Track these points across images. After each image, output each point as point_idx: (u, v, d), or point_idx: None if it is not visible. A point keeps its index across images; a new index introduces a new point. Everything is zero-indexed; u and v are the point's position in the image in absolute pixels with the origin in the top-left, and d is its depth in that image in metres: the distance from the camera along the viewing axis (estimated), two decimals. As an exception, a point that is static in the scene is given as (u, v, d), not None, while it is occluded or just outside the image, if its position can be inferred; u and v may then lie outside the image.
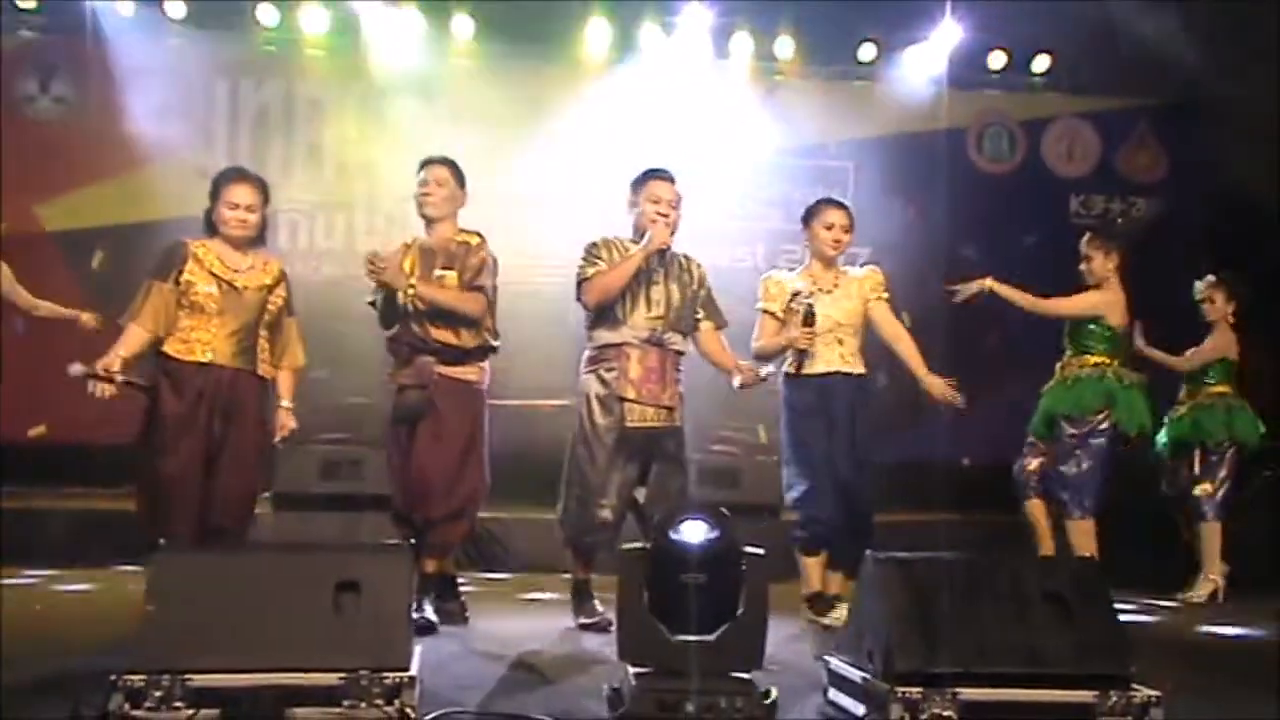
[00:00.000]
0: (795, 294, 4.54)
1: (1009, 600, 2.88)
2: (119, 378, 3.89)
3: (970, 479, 7.21)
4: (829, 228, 4.55)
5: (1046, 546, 5.33)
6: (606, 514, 4.27)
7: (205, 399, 3.97)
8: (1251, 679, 3.80)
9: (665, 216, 4.37)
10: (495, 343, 4.44)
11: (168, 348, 4.00)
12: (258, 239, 4.20)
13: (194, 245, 4.10)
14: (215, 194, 4.14)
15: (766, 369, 4.42)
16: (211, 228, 4.16)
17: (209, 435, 3.97)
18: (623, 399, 4.26)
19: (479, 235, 4.49)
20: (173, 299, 4.01)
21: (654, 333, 4.35)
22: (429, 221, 4.44)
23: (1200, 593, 5.55)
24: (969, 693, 2.71)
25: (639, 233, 4.41)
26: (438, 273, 4.32)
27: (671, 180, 4.46)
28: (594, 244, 4.42)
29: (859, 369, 4.54)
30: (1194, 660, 4.18)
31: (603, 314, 4.34)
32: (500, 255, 7.99)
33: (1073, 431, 5.25)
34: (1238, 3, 6.77)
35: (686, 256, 4.51)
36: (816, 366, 4.48)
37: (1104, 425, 5.22)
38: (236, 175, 4.21)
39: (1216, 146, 8.02)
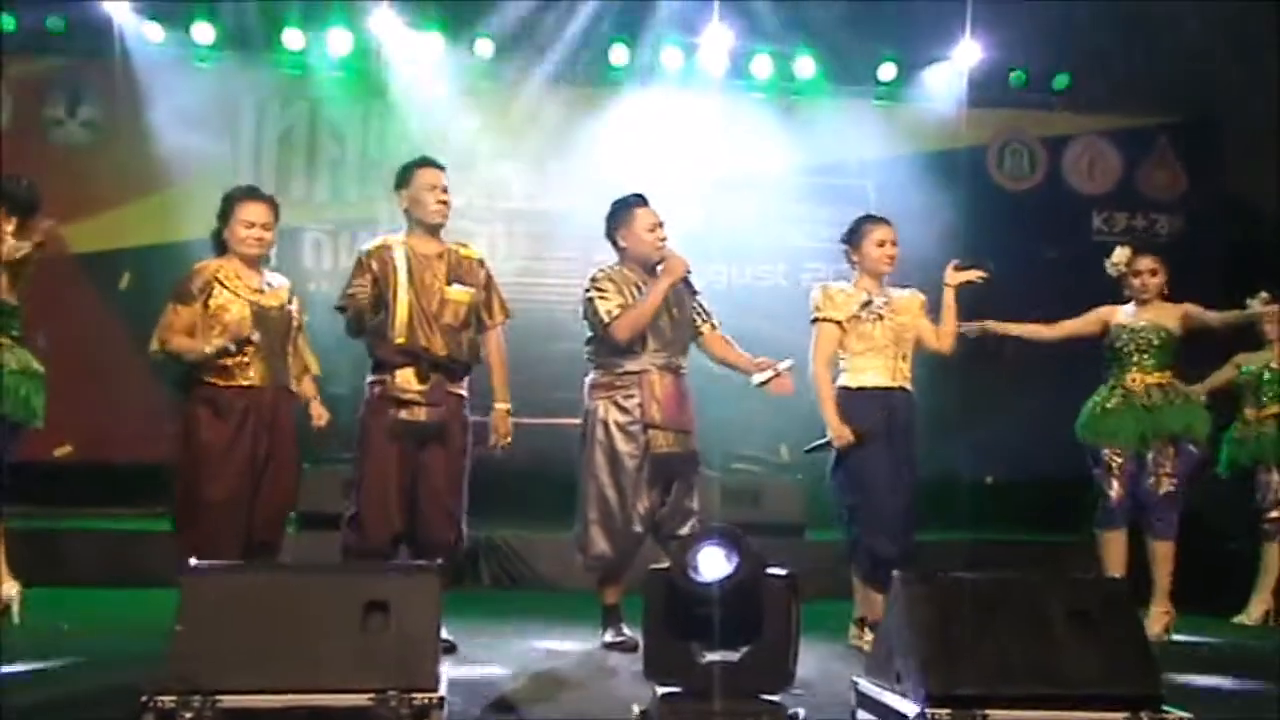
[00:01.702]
0: (866, 304, 4.46)
1: (1037, 620, 2.87)
2: (253, 336, 3.98)
3: (994, 496, 7.20)
4: (880, 244, 4.51)
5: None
6: (631, 540, 4.28)
7: (249, 422, 4.00)
8: None
9: (664, 241, 4.39)
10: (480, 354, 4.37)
11: (205, 374, 4.02)
12: (267, 258, 4.24)
13: (213, 268, 4.11)
14: (227, 213, 4.16)
15: (786, 362, 4.35)
16: (221, 247, 4.18)
17: (253, 458, 4.00)
18: (649, 426, 4.24)
19: (474, 248, 4.43)
20: (201, 324, 4.03)
21: (669, 359, 4.36)
22: (434, 228, 4.27)
23: (1253, 614, 5.48)
24: (997, 714, 2.69)
25: (637, 261, 4.39)
26: (457, 287, 4.21)
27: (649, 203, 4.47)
28: (597, 278, 4.37)
29: (911, 386, 4.49)
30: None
31: (624, 347, 4.31)
32: (521, 273, 8.02)
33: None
34: (1254, 20, 6.76)
35: None
36: (880, 381, 4.42)
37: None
38: (249, 194, 4.23)
39: (1236, 163, 8.01)
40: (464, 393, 4.30)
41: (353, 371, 5.90)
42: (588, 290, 4.38)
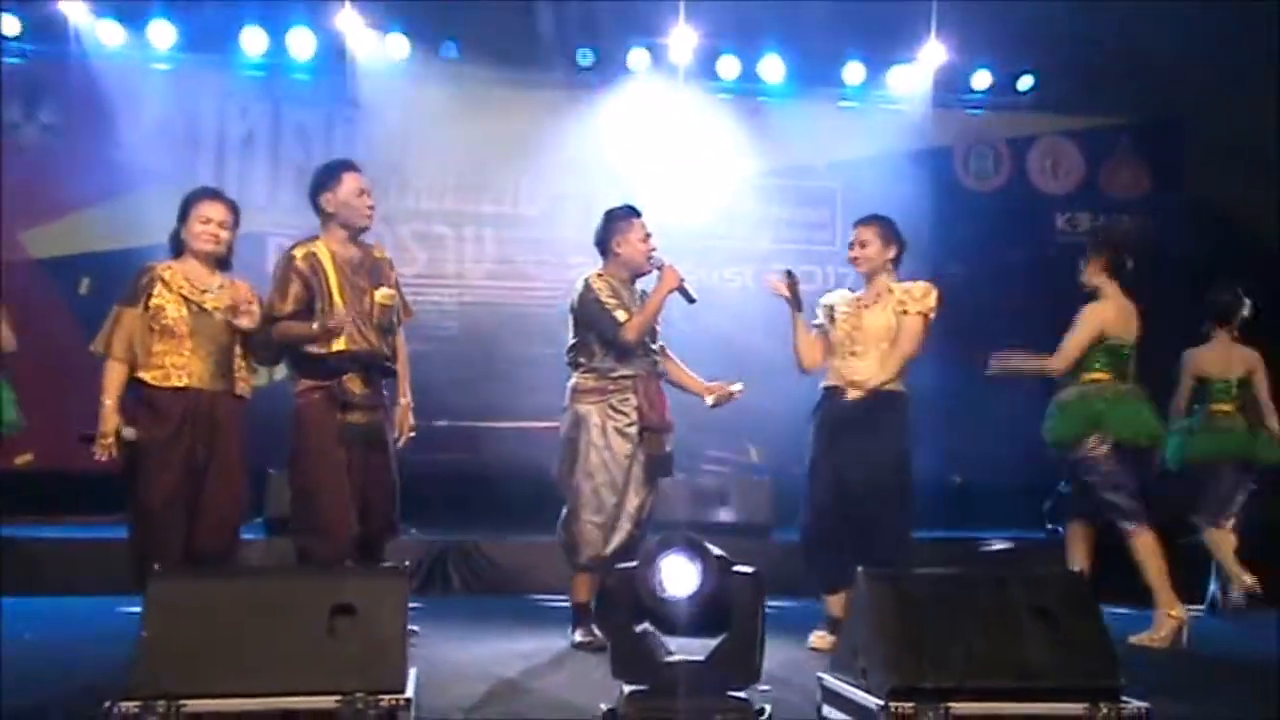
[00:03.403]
0: (832, 307, 4.63)
1: (999, 615, 2.91)
2: (126, 434, 3.92)
3: (961, 496, 7.26)
4: (849, 245, 4.65)
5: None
6: (623, 539, 4.35)
7: (186, 424, 3.95)
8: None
9: (655, 250, 4.55)
10: None
11: (144, 375, 3.98)
12: (225, 261, 4.18)
13: (160, 269, 4.08)
14: (185, 212, 4.13)
15: (737, 385, 4.51)
16: (178, 249, 4.14)
17: (192, 460, 3.95)
18: (646, 429, 4.38)
19: (382, 248, 4.48)
20: (143, 325, 3.98)
21: (653, 364, 4.53)
22: (359, 231, 4.30)
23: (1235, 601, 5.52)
24: (960, 707, 2.73)
25: (627, 268, 4.54)
26: (385, 291, 4.23)
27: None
28: (596, 285, 4.45)
29: (876, 383, 4.39)
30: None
31: (628, 350, 4.41)
32: (487, 277, 7.99)
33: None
34: (1216, 21, 6.86)
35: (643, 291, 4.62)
36: (830, 378, 4.52)
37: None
38: (208, 193, 4.22)
39: (1198, 164, 8.12)
40: (385, 392, 4.37)
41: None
42: (587, 295, 4.45)
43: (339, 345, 4.11)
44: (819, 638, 4.40)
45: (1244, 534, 5.66)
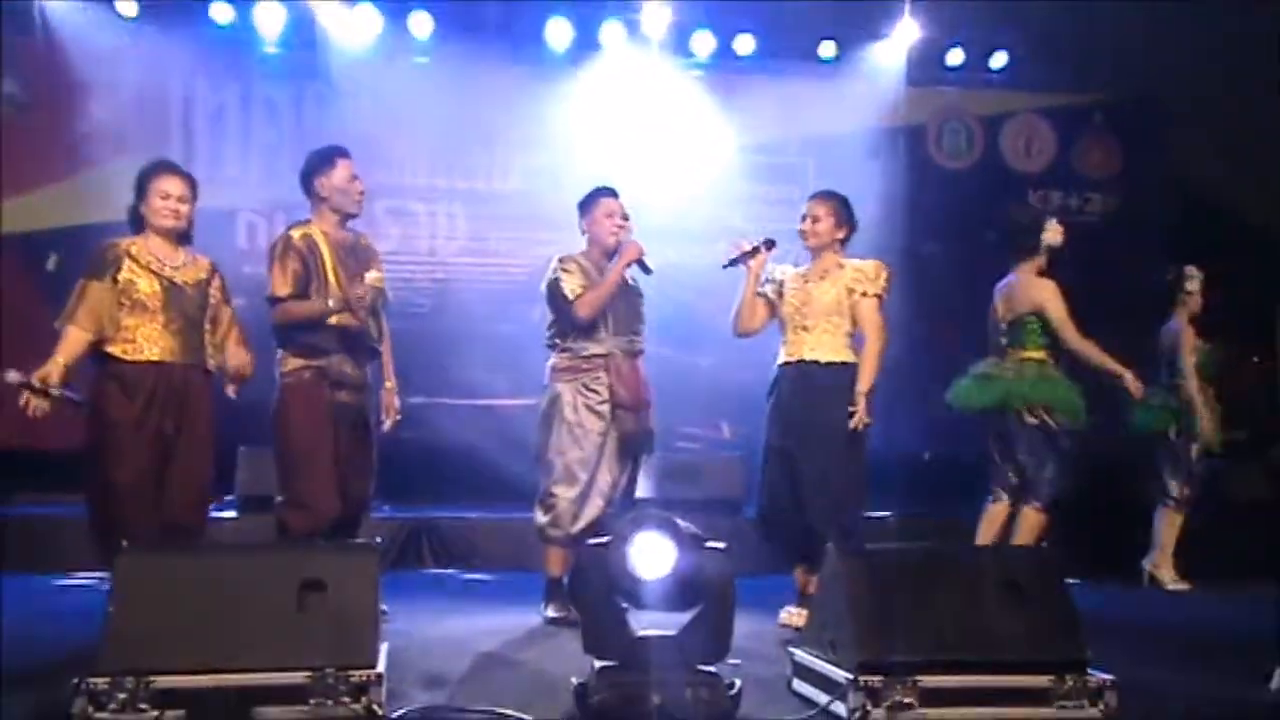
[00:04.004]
0: (781, 282, 4.64)
1: (967, 589, 2.94)
2: (55, 391, 3.79)
3: (930, 472, 7.31)
4: (801, 219, 4.65)
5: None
6: (598, 514, 4.39)
7: (156, 398, 3.91)
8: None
9: (622, 229, 4.56)
10: None
11: (113, 349, 3.91)
12: (186, 236, 4.13)
13: (126, 244, 4.03)
14: (142, 187, 4.07)
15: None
16: (138, 224, 4.08)
17: (161, 435, 3.91)
18: (618, 407, 4.41)
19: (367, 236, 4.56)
20: (111, 299, 3.92)
21: (629, 342, 4.53)
22: (349, 217, 4.37)
23: (1161, 577, 5.71)
24: (929, 680, 2.76)
25: (598, 247, 4.57)
26: (374, 274, 4.26)
27: (618, 195, 4.63)
28: (564, 261, 4.51)
29: (827, 358, 4.42)
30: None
31: (585, 325, 4.43)
32: (460, 254, 7.95)
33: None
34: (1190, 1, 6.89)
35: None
36: (782, 355, 4.54)
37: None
38: (165, 167, 4.15)
39: (1170, 142, 8.17)
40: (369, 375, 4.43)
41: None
42: (551, 276, 4.50)
43: (333, 320, 4.17)
44: (789, 614, 4.42)
45: (1192, 513, 5.82)
